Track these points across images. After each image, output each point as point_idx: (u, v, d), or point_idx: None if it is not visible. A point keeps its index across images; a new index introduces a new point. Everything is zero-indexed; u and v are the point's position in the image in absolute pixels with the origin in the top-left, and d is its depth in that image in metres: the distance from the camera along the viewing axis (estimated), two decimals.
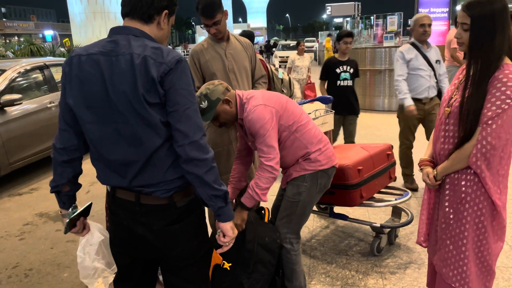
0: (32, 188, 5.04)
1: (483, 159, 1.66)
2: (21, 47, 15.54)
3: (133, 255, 1.67)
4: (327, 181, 2.37)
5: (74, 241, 3.58)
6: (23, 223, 4.02)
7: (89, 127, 1.49)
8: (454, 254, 1.82)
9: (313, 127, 2.31)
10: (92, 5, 20.03)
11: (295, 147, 2.26)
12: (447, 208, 1.83)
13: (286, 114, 2.20)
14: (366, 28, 13.19)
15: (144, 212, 1.54)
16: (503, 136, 1.63)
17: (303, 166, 2.28)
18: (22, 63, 5.60)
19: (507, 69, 1.61)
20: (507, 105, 1.60)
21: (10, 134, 4.86)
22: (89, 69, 1.43)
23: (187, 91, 1.43)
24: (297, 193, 2.30)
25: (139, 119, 1.41)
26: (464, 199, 1.76)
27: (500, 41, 1.63)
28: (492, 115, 1.61)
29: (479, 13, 1.63)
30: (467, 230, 1.77)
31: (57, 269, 3.15)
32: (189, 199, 1.58)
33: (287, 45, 25.69)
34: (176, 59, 1.42)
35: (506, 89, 1.59)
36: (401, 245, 3.15)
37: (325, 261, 3.00)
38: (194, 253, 1.64)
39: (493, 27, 1.62)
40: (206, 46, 2.78)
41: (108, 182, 1.59)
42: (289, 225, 2.34)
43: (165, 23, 1.53)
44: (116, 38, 1.46)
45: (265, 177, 2.08)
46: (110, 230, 1.70)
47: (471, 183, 1.74)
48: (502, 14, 1.62)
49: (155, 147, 1.45)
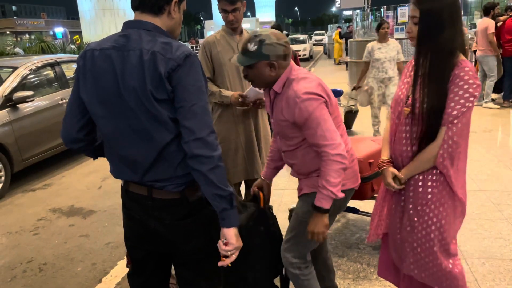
0: (45, 184, 5.10)
1: (448, 158, 1.65)
2: (32, 44, 15.71)
3: (147, 249, 1.68)
4: (342, 203, 2.06)
5: (87, 236, 3.62)
6: (37, 219, 4.07)
7: (102, 122, 1.50)
8: (423, 256, 1.79)
9: (346, 139, 1.98)
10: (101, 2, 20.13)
11: (310, 157, 1.94)
12: (411, 211, 1.80)
13: (330, 107, 1.89)
14: (376, 20, 13.05)
15: (156, 206, 1.55)
16: (465, 133, 1.63)
17: (315, 183, 1.94)
18: (34, 60, 5.65)
19: (465, 66, 1.59)
20: (470, 103, 1.58)
21: (22, 131, 4.92)
22: (102, 64, 1.44)
23: (195, 87, 1.42)
24: (307, 212, 1.96)
25: (149, 115, 1.41)
26: (430, 200, 1.73)
27: (449, 36, 1.59)
28: (457, 114, 1.59)
29: (428, 7, 1.61)
30: (433, 232, 1.75)
31: (71, 264, 3.19)
32: (201, 194, 1.58)
33: (296, 39, 25.54)
34: (185, 54, 1.40)
35: (468, 87, 1.57)
36: None
37: (337, 254, 2.99)
38: (206, 248, 1.64)
39: (441, 21, 1.59)
40: (219, 37, 2.80)
41: (120, 176, 1.60)
42: (295, 248, 2.06)
43: (176, 11, 1.51)
44: (128, 33, 1.45)
45: (335, 170, 1.77)
46: (124, 224, 1.71)
47: (437, 183, 1.72)
48: (451, 9, 1.59)
49: (165, 143, 1.45)
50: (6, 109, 4.80)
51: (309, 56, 23.95)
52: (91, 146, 1.65)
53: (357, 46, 9.20)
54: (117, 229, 3.70)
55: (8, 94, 4.88)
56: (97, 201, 4.41)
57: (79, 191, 4.78)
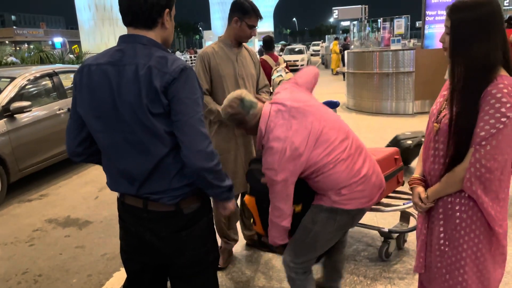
0: (42, 194, 5.08)
1: (478, 183, 1.49)
2: (31, 54, 15.74)
3: (142, 262, 1.68)
4: (348, 221, 2.09)
5: (83, 247, 3.60)
6: (33, 229, 4.05)
7: (99, 135, 1.52)
8: (451, 284, 1.65)
9: (342, 170, 1.96)
10: (100, 11, 20.26)
11: (315, 186, 2.05)
12: (441, 233, 1.66)
13: (309, 160, 1.93)
14: (373, 31, 13.17)
15: (151, 218, 1.55)
16: (499, 158, 1.46)
17: (321, 197, 2.05)
18: (32, 70, 5.66)
19: (501, 83, 1.44)
20: (502, 124, 1.42)
21: (19, 141, 4.91)
22: (98, 79, 1.45)
23: (191, 99, 1.43)
24: (312, 221, 2.07)
25: (144, 129, 1.43)
26: (459, 225, 1.60)
27: (482, 50, 1.47)
28: (485, 135, 1.44)
29: (459, 18, 1.51)
30: (464, 259, 1.60)
31: (66, 275, 3.17)
32: (196, 206, 1.58)
33: (293, 49, 25.68)
34: (181, 68, 1.42)
35: (500, 106, 1.42)
36: (410, 250, 3.12)
37: None
38: (202, 261, 1.64)
39: (472, 34, 1.48)
40: (217, 49, 2.80)
41: (117, 189, 1.61)
42: (294, 253, 2.14)
43: (168, 20, 1.53)
44: (124, 47, 1.47)
45: (275, 230, 2.08)
46: (121, 236, 1.71)
47: (465, 207, 1.58)
48: (485, 21, 1.47)
49: (161, 156, 1.46)
50: (3, 119, 4.80)
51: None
52: (94, 158, 1.66)
53: (354, 56, 9.26)
54: (113, 240, 3.68)
55: (5, 104, 4.88)
56: (93, 212, 4.39)
57: (75, 201, 4.76)
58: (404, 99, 8.28)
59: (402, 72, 8.18)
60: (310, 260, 2.16)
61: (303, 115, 1.96)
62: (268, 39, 6.02)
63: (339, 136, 1.99)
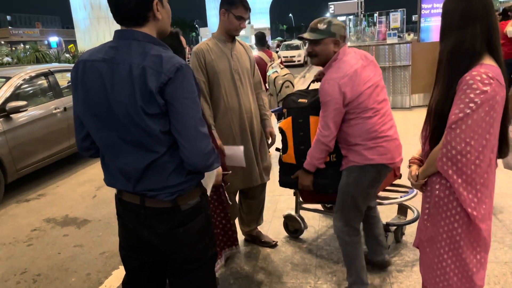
0: (40, 194, 5.07)
1: (450, 163, 1.57)
2: (27, 54, 15.70)
3: (140, 258, 1.67)
4: (376, 176, 2.33)
5: (82, 246, 3.60)
6: (31, 229, 4.05)
7: (95, 133, 1.52)
8: (431, 257, 1.75)
9: (377, 121, 2.26)
10: (96, 10, 20.19)
11: (345, 130, 2.31)
12: (426, 210, 1.77)
13: (355, 101, 2.22)
14: (369, 25, 13.15)
15: (148, 215, 1.55)
16: (472, 142, 1.52)
17: (349, 157, 2.33)
18: (27, 70, 5.64)
19: (476, 71, 1.51)
20: (469, 109, 1.49)
21: (16, 141, 4.89)
22: (92, 77, 1.43)
23: (189, 99, 1.41)
24: (346, 183, 2.36)
25: (140, 129, 1.41)
26: (437, 203, 1.69)
27: (461, 38, 1.56)
28: (455, 119, 1.52)
29: (447, 8, 1.62)
30: (441, 235, 1.70)
31: (65, 274, 3.17)
32: (194, 202, 1.58)
33: (290, 45, 25.61)
34: (176, 67, 1.38)
35: (470, 92, 1.49)
36: (408, 243, 3.13)
37: (332, 260, 2.98)
38: (200, 257, 1.64)
39: (456, 22, 1.57)
40: (212, 45, 2.78)
41: (113, 185, 1.60)
42: (342, 217, 2.42)
43: (160, 10, 1.47)
44: (118, 44, 1.44)
45: (319, 149, 2.31)
46: (119, 233, 1.71)
47: (443, 187, 1.67)
48: (469, 10, 1.56)
49: (158, 155, 1.46)
50: None
51: (304, 62, 24.02)
52: None
53: None
54: (111, 238, 3.68)
55: (1, 104, 4.86)
56: (91, 211, 4.38)
57: (73, 200, 4.76)
58: (401, 92, 8.29)
59: (398, 66, 8.18)
60: (357, 219, 2.44)
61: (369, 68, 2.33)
62: (260, 35, 5.96)
63: (383, 97, 2.33)
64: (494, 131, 1.57)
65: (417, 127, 3.96)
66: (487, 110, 1.50)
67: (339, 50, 2.29)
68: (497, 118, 1.57)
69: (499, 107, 1.55)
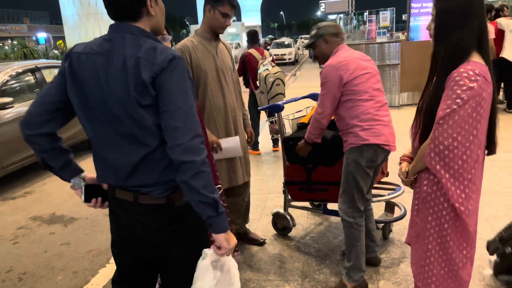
0: (26, 192, 5.02)
1: (437, 158, 1.59)
2: (14, 50, 15.47)
3: (133, 255, 1.66)
4: (373, 155, 2.46)
5: (68, 244, 3.57)
6: (17, 227, 4.00)
7: (87, 125, 1.50)
8: (420, 252, 1.77)
9: (372, 105, 2.44)
10: (85, 6, 19.96)
11: (342, 114, 2.49)
12: (416, 206, 1.80)
13: (351, 83, 2.43)
14: (360, 24, 13.21)
15: (142, 211, 1.53)
16: (459, 138, 1.55)
17: (348, 141, 2.49)
18: (14, 66, 5.56)
19: (463, 67, 1.54)
20: (456, 105, 1.52)
21: (2, 138, 4.83)
22: (88, 70, 1.42)
23: (179, 89, 1.39)
24: (347, 165, 2.51)
25: (133, 121, 1.40)
26: (425, 199, 1.72)
27: (459, 36, 1.58)
28: (442, 114, 1.55)
29: (444, 6, 1.62)
30: (429, 230, 1.73)
31: (51, 272, 3.13)
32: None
33: (281, 43, 25.60)
34: (169, 58, 1.37)
35: (457, 88, 1.52)
36: (395, 240, 3.16)
37: (320, 258, 3.00)
38: (193, 254, 1.62)
39: (452, 21, 1.59)
40: (196, 43, 2.74)
41: (105, 180, 1.59)
42: (346, 199, 2.54)
43: (154, 6, 1.47)
44: (113, 37, 1.43)
45: (314, 125, 2.57)
46: (111, 230, 1.69)
47: (431, 183, 1.69)
48: (465, 8, 1.58)
49: (151, 149, 1.44)
50: None
51: (295, 60, 24.06)
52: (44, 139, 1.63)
53: None
54: (99, 236, 3.66)
55: None
56: (78, 208, 4.34)
57: (60, 198, 4.71)
58: (390, 91, 8.34)
59: (388, 65, 8.23)
60: (360, 200, 2.54)
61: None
62: (253, 32, 5.98)
63: (379, 87, 2.53)
64: (482, 127, 1.59)
65: (406, 125, 3.96)
66: (474, 106, 1.53)
67: (338, 47, 2.57)
68: (484, 115, 1.59)
69: (486, 104, 1.57)
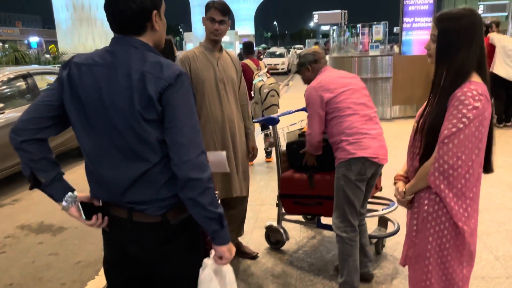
0: (14, 199, 4.93)
1: (441, 178, 1.59)
2: (6, 54, 15.31)
3: (125, 274, 1.61)
4: (362, 169, 2.50)
5: (57, 255, 3.50)
6: (4, 236, 3.92)
7: (84, 138, 1.46)
8: (419, 274, 1.75)
9: (356, 120, 2.53)
10: (78, 11, 19.88)
11: (330, 131, 2.61)
12: (414, 226, 1.77)
13: (333, 102, 2.55)
14: (352, 36, 13.34)
15: (136, 229, 1.49)
16: (463, 157, 1.56)
17: (338, 156, 2.56)
18: (5, 71, 5.51)
19: (466, 87, 1.56)
20: (462, 124, 1.53)
21: None
22: (89, 82, 1.40)
23: (186, 106, 1.39)
24: (337, 179, 2.58)
25: (135, 136, 1.38)
26: (426, 219, 1.71)
27: (463, 58, 1.59)
28: (448, 133, 1.55)
29: (446, 27, 1.62)
30: (429, 251, 1.71)
31: (39, 283, 3.07)
32: (183, 216, 1.52)
33: (273, 53, 25.73)
34: (176, 73, 1.37)
35: (462, 108, 1.54)
36: (388, 255, 3.15)
37: (312, 272, 2.98)
38: (188, 273, 1.58)
39: (457, 42, 1.60)
40: (198, 53, 2.79)
41: (98, 196, 1.55)
42: (339, 213, 2.59)
43: (158, 22, 1.47)
44: (116, 49, 1.42)
45: (308, 143, 2.73)
46: (104, 247, 1.65)
47: (432, 202, 1.68)
48: (469, 31, 1.59)
49: (150, 165, 1.41)
50: None
51: (287, 70, 24.17)
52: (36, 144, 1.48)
53: (334, 62, 9.35)
54: (88, 247, 3.60)
55: None
56: (68, 218, 4.21)
57: (49, 207, 4.63)
58: (382, 104, 8.40)
59: (380, 78, 8.30)
60: (353, 215, 2.58)
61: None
62: (249, 43, 6.06)
63: (361, 101, 2.60)
64: (482, 146, 1.62)
65: (397, 137, 3.99)
66: (477, 125, 1.55)
67: (321, 70, 2.77)
68: (485, 134, 1.61)
69: (487, 123, 1.60)
